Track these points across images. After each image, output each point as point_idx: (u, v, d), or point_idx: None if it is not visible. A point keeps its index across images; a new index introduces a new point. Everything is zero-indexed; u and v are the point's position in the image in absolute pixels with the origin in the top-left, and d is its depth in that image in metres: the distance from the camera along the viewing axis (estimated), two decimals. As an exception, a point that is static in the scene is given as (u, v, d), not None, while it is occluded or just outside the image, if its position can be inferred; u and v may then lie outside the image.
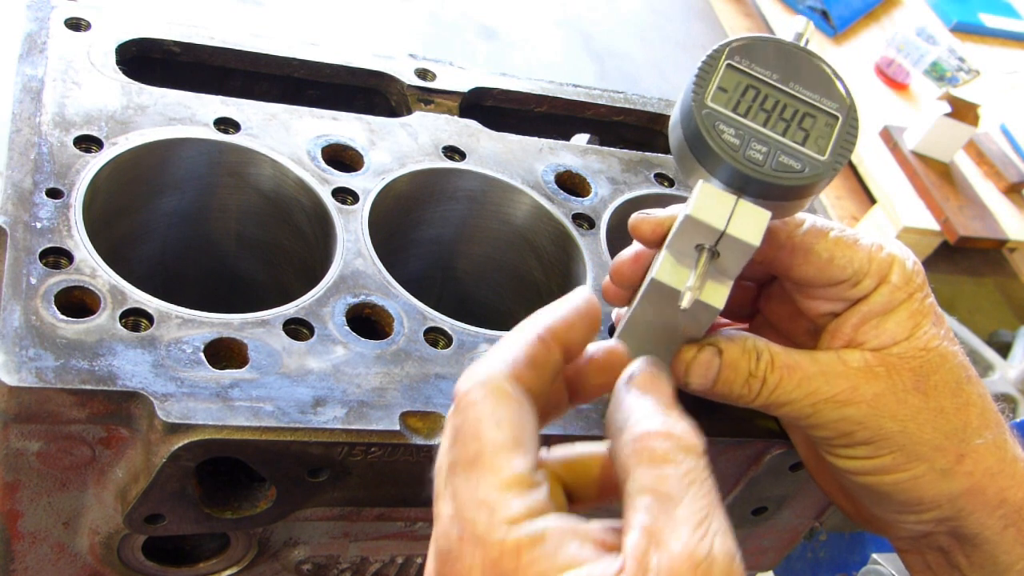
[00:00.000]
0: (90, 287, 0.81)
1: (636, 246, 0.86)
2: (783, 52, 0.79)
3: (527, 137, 1.18)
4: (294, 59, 1.14)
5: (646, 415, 0.62)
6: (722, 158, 0.74)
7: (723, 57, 0.77)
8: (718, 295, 0.77)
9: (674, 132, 0.78)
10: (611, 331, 0.94)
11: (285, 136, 1.03)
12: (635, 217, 0.85)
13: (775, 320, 0.93)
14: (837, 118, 0.77)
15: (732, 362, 0.81)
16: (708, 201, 0.75)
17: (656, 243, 0.84)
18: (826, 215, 2.68)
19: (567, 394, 0.71)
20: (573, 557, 0.55)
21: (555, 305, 0.68)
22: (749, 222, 0.75)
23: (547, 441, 0.86)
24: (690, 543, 0.54)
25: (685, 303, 0.75)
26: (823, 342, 0.85)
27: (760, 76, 0.77)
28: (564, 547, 0.55)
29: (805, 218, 0.83)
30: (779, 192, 0.75)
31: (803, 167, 0.75)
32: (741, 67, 0.77)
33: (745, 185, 0.75)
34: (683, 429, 0.61)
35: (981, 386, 0.85)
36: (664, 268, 0.78)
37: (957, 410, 0.82)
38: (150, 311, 0.81)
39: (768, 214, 0.76)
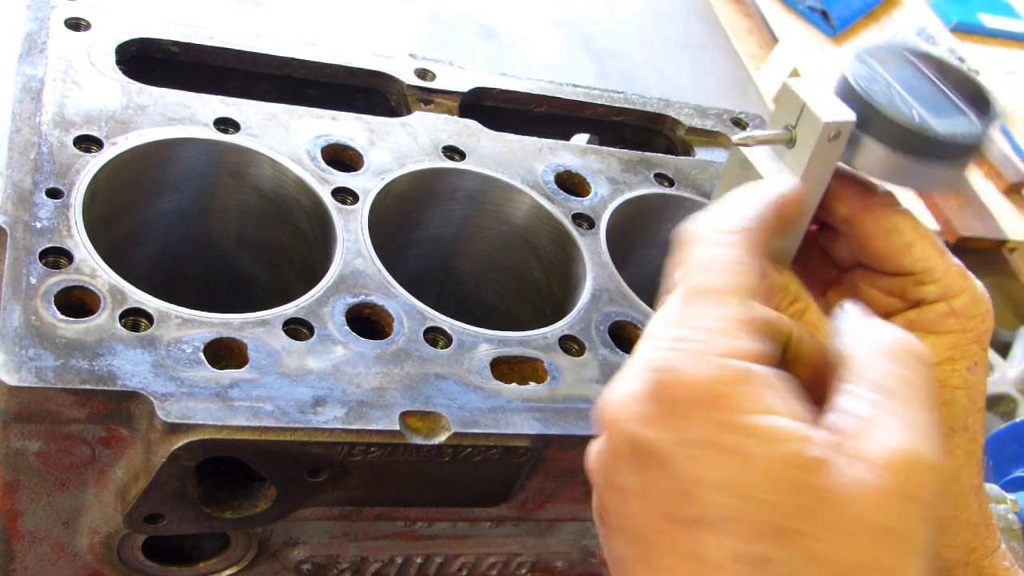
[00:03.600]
0: (90, 287, 0.81)
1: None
2: (946, 65, 0.81)
3: (527, 137, 1.18)
4: (294, 59, 1.14)
5: (880, 322, 0.63)
6: (854, 89, 0.75)
7: (899, 49, 0.81)
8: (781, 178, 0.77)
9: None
10: None
11: (285, 136, 1.03)
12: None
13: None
14: (970, 117, 0.78)
15: (772, 282, 0.80)
16: (810, 86, 0.76)
17: None
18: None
19: None
20: (773, 405, 0.56)
21: (784, 180, 0.72)
22: (831, 107, 0.75)
23: (547, 441, 0.87)
24: (905, 440, 0.54)
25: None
26: None
27: (924, 68, 0.80)
28: (768, 394, 0.56)
29: (903, 205, 0.82)
30: (872, 118, 0.75)
31: (914, 115, 0.75)
32: (911, 58, 0.81)
33: (851, 102, 0.75)
34: (918, 342, 0.61)
35: (974, 445, 0.83)
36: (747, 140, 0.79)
37: None
38: (150, 311, 0.81)
39: (853, 117, 0.75)
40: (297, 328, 0.86)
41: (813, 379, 0.64)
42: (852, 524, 0.53)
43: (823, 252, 0.87)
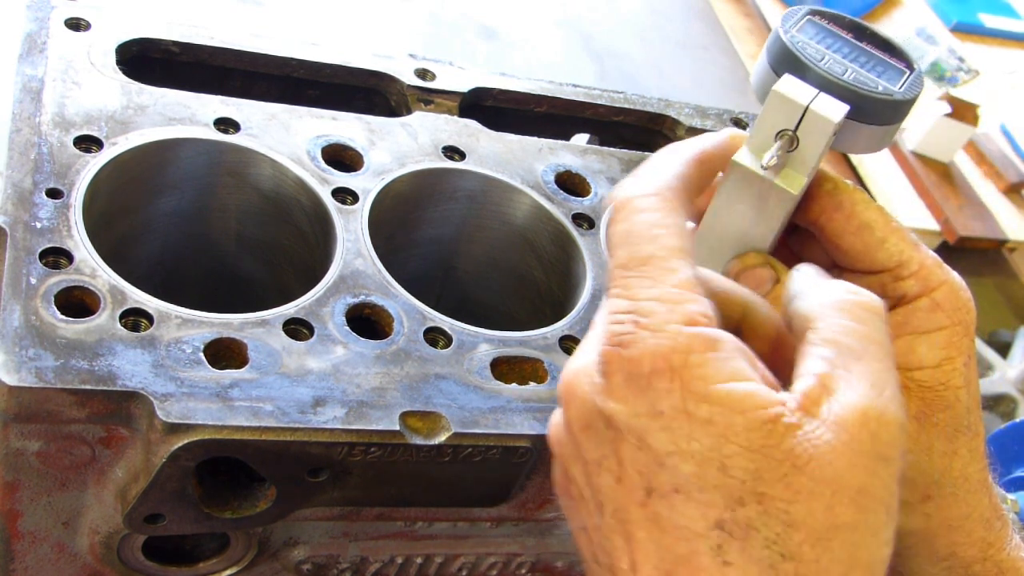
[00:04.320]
0: (90, 287, 0.81)
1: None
2: (854, 23, 0.86)
3: (527, 137, 1.18)
4: (294, 59, 1.14)
5: (832, 282, 0.64)
6: (803, 63, 0.78)
7: (804, 13, 0.83)
8: (795, 182, 0.78)
9: (758, 67, 0.83)
10: None
11: (285, 136, 1.03)
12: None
13: None
14: (905, 72, 0.83)
15: (777, 296, 0.80)
16: (791, 86, 0.78)
17: (702, 209, 0.87)
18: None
19: None
20: (741, 371, 0.56)
21: (708, 136, 0.73)
22: (829, 105, 0.77)
23: (536, 441, 0.86)
24: (865, 398, 0.55)
25: (764, 161, 0.77)
26: None
27: (837, 32, 0.84)
28: (734, 360, 0.56)
29: (874, 201, 0.82)
30: (854, 101, 0.78)
31: (877, 86, 0.79)
32: (820, 23, 0.84)
33: (825, 87, 0.78)
34: (868, 293, 0.62)
35: (977, 440, 0.83)
36: (743, 154, 0.79)
37: (943, 455, 0.80)
38: (150, 311, 0.81)
39: (846, 107, 0.77)
40: (297, 328, 0.86)
41: (769, 351, 0.65)
42: (828, 487, 0.53)
43: (795, 256, 0.87)
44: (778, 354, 0.64)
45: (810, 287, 0.64)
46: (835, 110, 0.77)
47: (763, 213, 0.80)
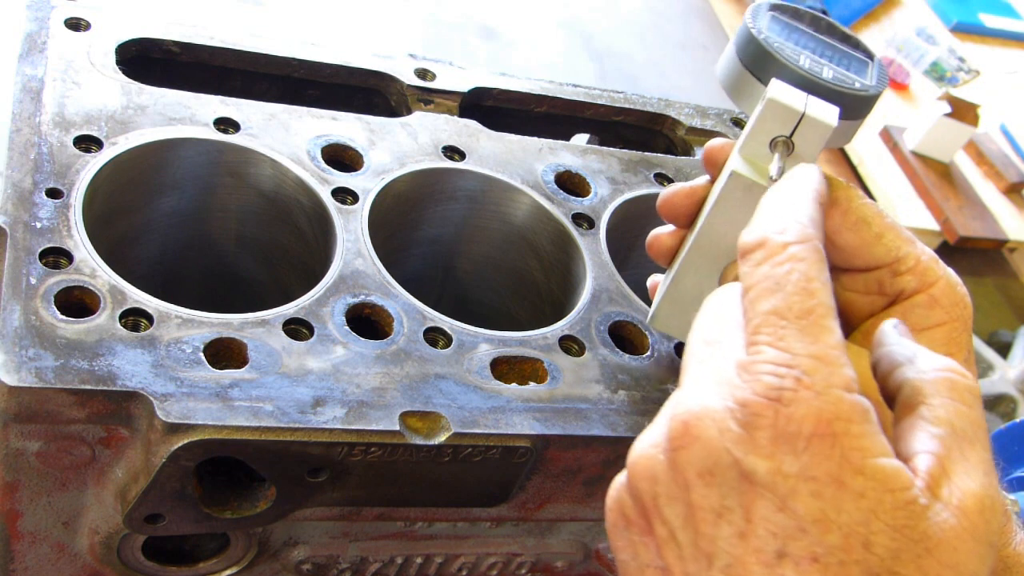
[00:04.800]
0: (90, 287, 0.81)
1: (688, 182, 0.88)
2: (811, 15, 0.88)
3: (527, 137, 1.18)
4: (294, 59, 1.14)
5: (937, 355, 0.63)
6: (787, 66, 0.79)
7: (767, 9, 0.85)
8: None
9: (728, 66, 0.84)
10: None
11: (285, 136, 1.03)
12: (665, 192, 0.86)
13: None
14: (867, 62, 0.85)
15: None
16: (784, 92, 0.78)
17: (691, 215, 0.86)
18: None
19: None
20: (888, 447, 0.56)
21: (806, 171, 0.71)
22: (823, 108, 0.78)
23: (547, 441, 0.87)
24: (982, 486, 0.55)
25: (772, 173, 0.77)
26: (854, 340, 0.84)
27: (799, 26, 0.85)
28: (881, 435, 0.56)
29: (868, 198, 0.82)
30: (838, 100, 0.79)
31: (854, 82, 0.81)
32: (782, 18, 0.85)
33: (811, 89, 0.79)
34: (970, 375, 0.62)
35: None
36: (739, 163, 0.80)
37: None
38: (150, 311, 0.81)
39: (837, 109, 0.78)
40: (297, 328, 0.86)
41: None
42: (952, 571, 0.54)
43: None
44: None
45: (920, 355, 0.63)
46: (830, 114, 0.78)
47: None
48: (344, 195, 1.00)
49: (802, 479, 0.55)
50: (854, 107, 0.81)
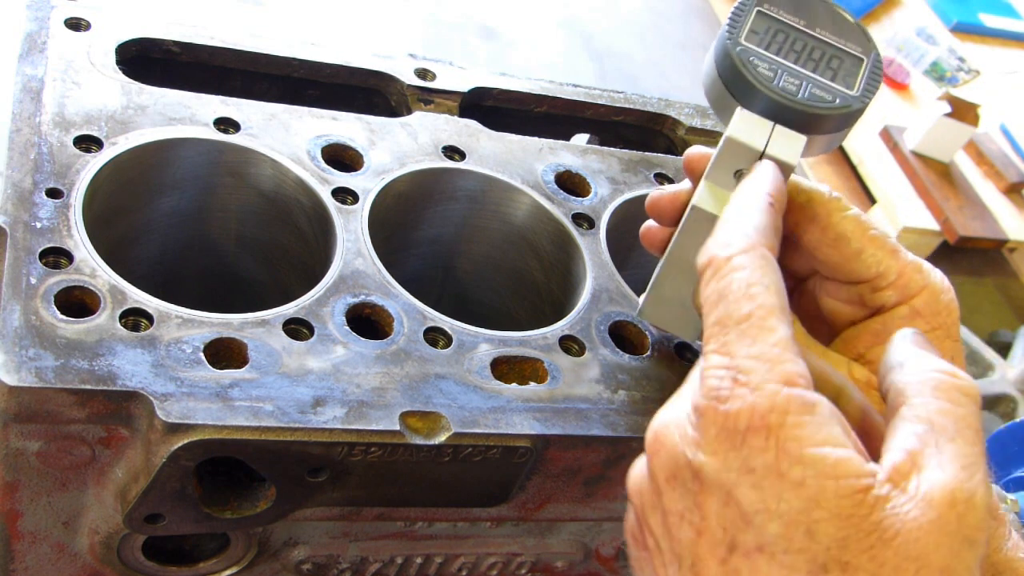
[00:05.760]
0: (90, 287, 0.81)
1: (673, 186, 0.89)
2: (806, 2, 0.84)
3: (527, 137, 1.18)
4: (294, 59, 1.14)
5: (932, 358, 0.64)
6: (757, 88, 0.78)
7: (753, 4, 0.82)
8: None
9: (709, 75, 0.82)
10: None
11: (285, 136, 1.03)
12: (652, 194, 0.87)
13: (798, 317, 0.92)
14: (862, 60, 0.82)
15: None
16: (746, 125, 0.78)
17: (675, 217, 0.86)
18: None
19: None
20: (835, 436, 0.56)
21: (761, 174, 0.73)
22: (786, 144, 0.77)
23: (547, 441, 0.87)
24: (955, 479, 0.55)
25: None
26: (835, 347, 0.84)
27: (788, 21, 0.82)
28: (829, 425, 0.56)
29: (853, 208, 0.82)
30: (812, 122, 0.78)
31: (834, 98, 0.79)
32: (770, 13, 0.82)
33: (780, 113, 0.78)
34: (966, 376, 0.62)
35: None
36: (703, 196, 0.80)
37: None
38: (150, 311, 0.81)
39: (803, 138, 0.77)
40: (297, 328, 0.86)
41: (857, 434, 0.64)
42: (913, 564, 0.53)
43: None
44: (864, 439, 0.64)
45: (909, 359, 0.64)
46: (792, 150, 0.77)
47: None
48: (344, 195, 1.00)
49: (743, 472, 0.56)
50: (832, 126, 0.79)
